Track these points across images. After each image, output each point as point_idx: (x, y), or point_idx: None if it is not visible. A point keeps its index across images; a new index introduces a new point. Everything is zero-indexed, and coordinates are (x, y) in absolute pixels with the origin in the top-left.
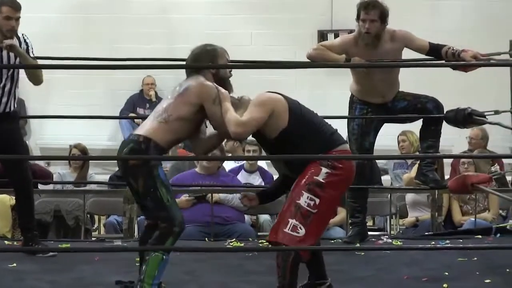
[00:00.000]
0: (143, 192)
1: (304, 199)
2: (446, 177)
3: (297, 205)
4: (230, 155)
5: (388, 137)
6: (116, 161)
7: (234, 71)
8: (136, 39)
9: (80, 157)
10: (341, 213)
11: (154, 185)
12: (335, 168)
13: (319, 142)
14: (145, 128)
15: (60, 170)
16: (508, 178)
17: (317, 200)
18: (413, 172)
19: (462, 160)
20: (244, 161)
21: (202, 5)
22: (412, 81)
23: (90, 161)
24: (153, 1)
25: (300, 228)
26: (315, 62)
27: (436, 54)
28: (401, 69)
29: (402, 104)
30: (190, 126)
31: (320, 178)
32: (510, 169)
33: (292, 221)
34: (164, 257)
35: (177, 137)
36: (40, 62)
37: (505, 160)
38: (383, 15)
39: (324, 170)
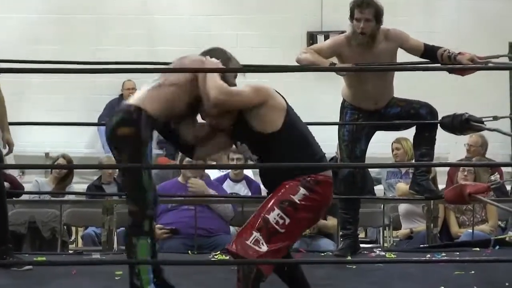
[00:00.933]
0: (125, 168)
1: (274, 216)
2: (442, 186)
3: (265, 219)
4: (214, 163)
5: (381, 144)
6: (95, 169)
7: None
8: (117, 40)
9: (58, 166)
10: (331, 220)
11: (138, 162)
12: (313, 192)
13: (305, 161)
14: (136, 96)
15: (37, 178)
16: (508, 187)
17: (287, 220)
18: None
19: (461, 168)
20: (229, 170)
21: (185, 5)
22: (405, 85)
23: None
24: (134, 1)
25: (262, 244)
26: (303, 65)
27: (431, 56)
28: (395, 72)
29: (395, 110)
30: (183, 98)
31: (296, 199)
32: (509, 177)
33: (256, 235)
34: (148, 241)
35: (170, 106)
36: (14, 65)
37: (504, 169)
38: (378, 14)
39: (302, 191)
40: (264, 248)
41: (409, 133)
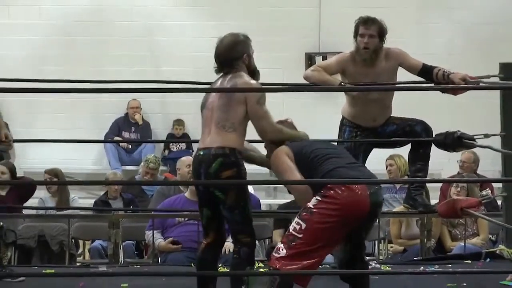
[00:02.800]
0: (233, 205)
1: (293, 224)
2: (434, 201)
3: (287, 230)
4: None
5: (377, 161)
6: (101, 185)
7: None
8: (121, 61)
9: (68, 182)
10: None
11: (245, 199)
12: (325, 196)
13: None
14: (220, 139)
15: (42, 195)
16: (499, 202)
17: (303, 225)
18: None
19: (455, 184)
20: None
21: (188, 28)
22: (401, 103)
23: (74, 185)
24: (138, 23)
25: (281, 249)
26: (310, 83)
27: (428, 75)
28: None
29: (391, 128)
30: (246, 124)
31: (311, 205)
32: (500, 193)
33: (279, 245)
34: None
35: (244, 140)
36: (24, 85)
37: (495, 184)
38: (382, 32)
39: (315, 197)
40: (283, 252)
41: (404, 150)
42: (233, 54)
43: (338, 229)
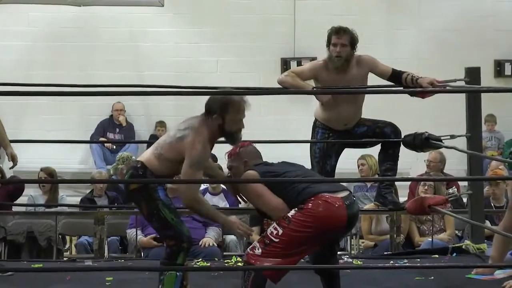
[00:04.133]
0: (148, 215)
1: (271, 228)
2: (403, 199)
3: (264, 233)
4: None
5: (348, 160)
6: (87, 183)
7: (201, 97)
8: (106, 66)
9: (54, 181)
10: None
11: (156, 206)
12: (304, 209)
13: (290, 202)
14: (145, 156)
15: (32, 193)
16: (464, 199)
17: (280, 231)
18: None
19: (422, 182)
20: (209, 184)
21: (169, 34)
22: (372, 106)
23: (60, 184)
24: (123, 30)
25: (257, 248)
26: (284, 87)
27: (397, 80)
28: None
29: (362, 129)
30: (179, 166)
31: (289, 214)
32: (466, 191)
33: (255, 244)
34: (177, 274)
35: (171, 173)
36: (13, 88)
37: (460, 183)
38: (353, 41)
39: (295, 208)
40: (258, 251)
41: (374, 150)
42: (207, 107)
43: (314, 238)
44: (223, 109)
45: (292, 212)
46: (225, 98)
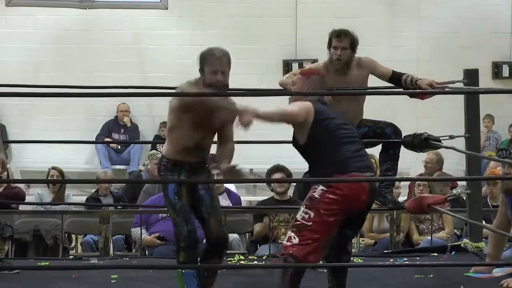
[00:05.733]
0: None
1: (300, 213)
2: (402, 198)
3: (295, 219)
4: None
5: None
6: (92, 183)
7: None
8: (111, 68)
9: (60, 180)
10: None
11: (168, 204)
12: (329, 186)
13: (331, 163)
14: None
15: (39, 191)
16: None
17: (311, 214)
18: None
19: (418, 182)
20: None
21: (173, 36)
22: (373, 107)
23: (68, 183)
24: (127, 32)
25: (293, 238)
26: (286, 89)
27: (397, 81)
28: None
29: (363, 130)
30: (185, 133)
31: (316, 195)
32: (464, 190)
33: (288, 233)
34: (183, 271)
35: (181, 147)
36: (20, 90)
37: (460, 182)
38: (354, 44)
39: (320, 187)
40: (295, 240)
41: (375, 150)
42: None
43: (341, 216)
44: (202, 62)
45: (319, 191)
46: (204, 52)
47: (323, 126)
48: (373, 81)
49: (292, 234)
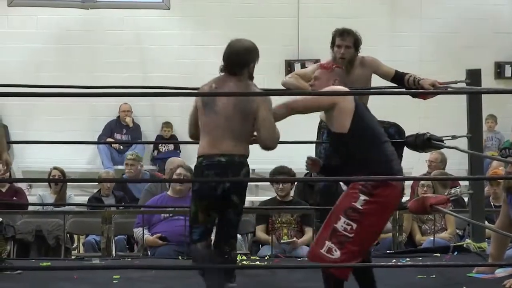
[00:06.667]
0: (240, 211)
1: (341, 223)
2: (406, 198)
3: (334, 228)
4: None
5: None
6: (94, 183)
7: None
8: (113, 68)
9: (61, 180)
10: (308, 233)
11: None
12: (372, 195)
13: (374, 162)
14: (241, 148)
15: (40, 192)
16: (465, 199)
17: (354, 226)
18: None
19: (421, 182)
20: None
21: (175, 36)
22: (375, 106)
23: (68, 183)
24: (129, 32)
25: (335, 250)
26: (288, 89)
27: (399, 81)
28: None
29: None
30: (249, 129)
31: (358, 205)
32: (467, 190)
33: (328, 243)
34: None
35: (248, 142)
36: (22, 90)
37: (462, 182)
38: (357, 43)
39: (362, 197)
40: (337, 254)
41: None
42: (245, 59)
43: (384, 225)
44: (255, 57)
45: (362, 201)
46: (252, 47)
47: (364, 120)
48: (375, 81)
49: (333, 246)
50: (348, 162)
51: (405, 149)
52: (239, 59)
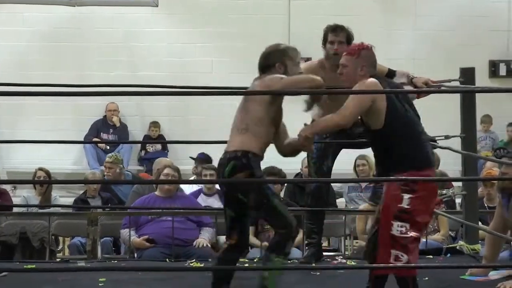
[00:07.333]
0: (256, 205)
1: (396, 228)
2: None
3: (392, 236)
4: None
5: (344, 161)
6: (79, 184)
7: (195, 97)
8: (100, 66)
9: (48, 181)
10: (298, 235)
11: (266, 195)
12: (414, 191)
13: (413, 156)
14: (235, 143)
15: (25, 193)
16: (458, 200)
17: (408, 225)
18: None
19: None
20: (203, 185)
21: (164, 34)
22: None
23: (54, 184)
24: (117, 30)
25: (401, 255)
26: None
27: (393, 79)
28: None
29: (359, 130)
30: (267, 127)
31: (404, 205)
32: (459, 191)
33: (393, 252)
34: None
35: (266, 141)
36: (8, 89)
37: (455, 183)
38: (350, 39)
39: (406, 196)
40: (404, 257)
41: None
42: (266, 62)
43: (431, 211)
44: (279, 57)
45: (407, 200)
46: (281, 46)
47: (401, 113)
48: None
49: (398, 252)
50: (384, 157)
51: None
52: (262, 62)
